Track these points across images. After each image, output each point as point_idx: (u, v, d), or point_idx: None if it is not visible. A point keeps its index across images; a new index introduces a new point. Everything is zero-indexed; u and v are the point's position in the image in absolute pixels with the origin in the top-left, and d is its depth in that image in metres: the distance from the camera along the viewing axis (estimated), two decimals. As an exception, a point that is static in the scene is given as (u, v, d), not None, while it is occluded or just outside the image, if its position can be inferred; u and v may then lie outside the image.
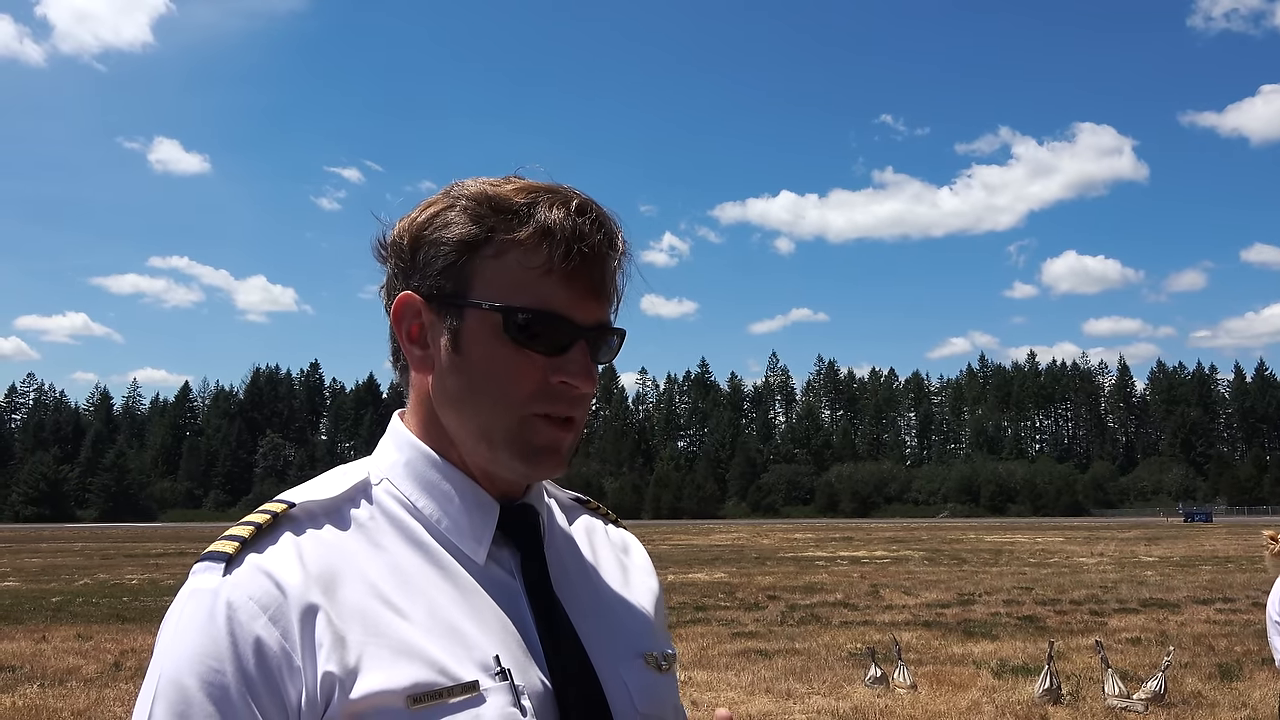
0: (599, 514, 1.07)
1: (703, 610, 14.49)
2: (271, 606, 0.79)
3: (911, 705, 7.96)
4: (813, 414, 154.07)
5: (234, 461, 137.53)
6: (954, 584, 18.79)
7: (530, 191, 0.87)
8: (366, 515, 0.88)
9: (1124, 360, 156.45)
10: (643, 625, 0.97)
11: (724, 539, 43.81)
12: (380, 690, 0.78)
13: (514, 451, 0.87)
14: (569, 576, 0.93)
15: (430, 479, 0.90)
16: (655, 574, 1.06)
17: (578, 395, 0.88)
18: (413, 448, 0.91)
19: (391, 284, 0.92)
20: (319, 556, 0.83)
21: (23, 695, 8.52)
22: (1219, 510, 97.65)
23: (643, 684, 0.91)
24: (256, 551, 0.82)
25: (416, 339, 0.90)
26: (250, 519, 0.85)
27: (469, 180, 0.90)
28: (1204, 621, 12.88)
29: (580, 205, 0.87)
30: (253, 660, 0.78)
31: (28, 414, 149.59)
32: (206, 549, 0.84)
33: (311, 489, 0.88)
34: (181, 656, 0.79)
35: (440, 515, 0.89)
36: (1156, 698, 7.67)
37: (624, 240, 0.90)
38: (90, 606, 15.71)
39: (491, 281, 0.86)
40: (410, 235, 0.90)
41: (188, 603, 0.81)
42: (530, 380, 0.86)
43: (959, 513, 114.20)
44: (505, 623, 0.86)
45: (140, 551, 34.74)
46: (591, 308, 0.88)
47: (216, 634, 0.78)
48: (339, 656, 0.79)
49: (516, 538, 0.91)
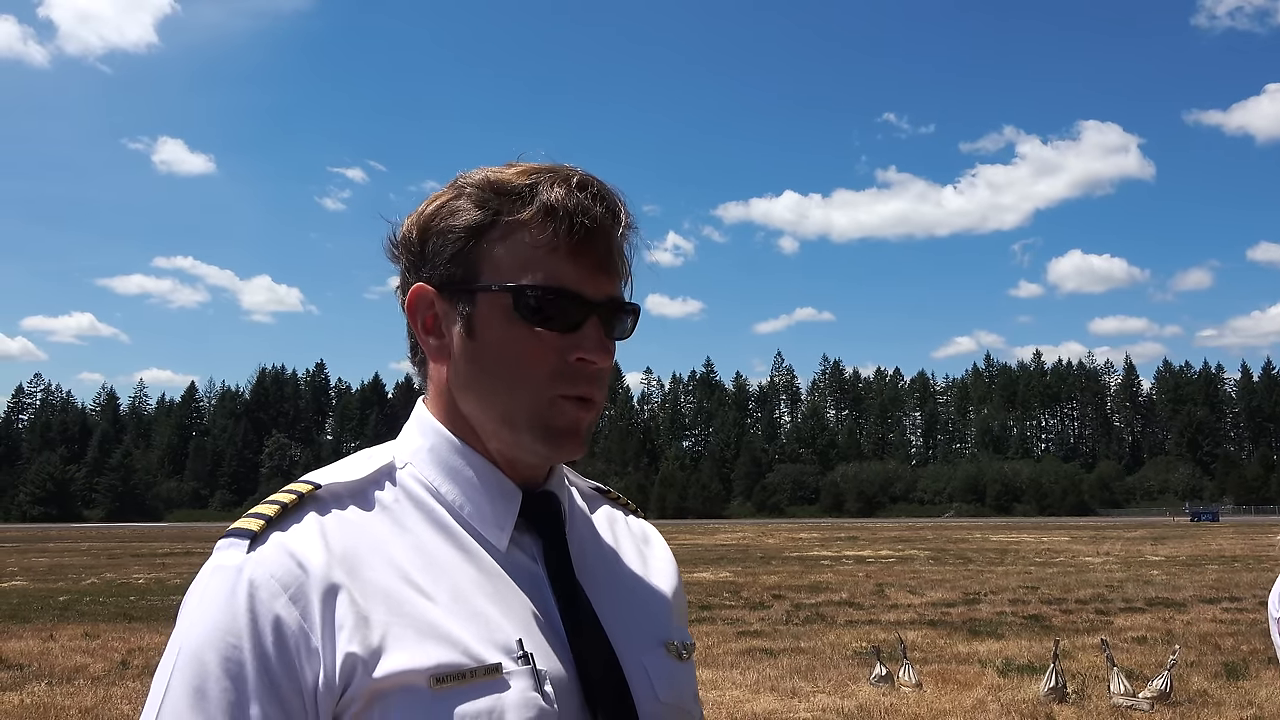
0: (619, 504, 1.07)
1: (708, 609, 14.48)
2: (293, 586, 0.80)
3: (916, 704, 7.95)
4: (818, 413, 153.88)
5: (240, 461, 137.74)
6: (959, 583, 18.76)
7: (532, 173, 0.89)
8: (391, 498, 0.89)
9: (1130, 359, 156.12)
10: (664, 613, 0.98)
11: (729, 538, 43.77)
12: (404, 669, 0.79)
13: (536, 434, 0.88)
14: (590, 563, 0.94)
15: (454, 464, 0.90)
16: (675, 564, 1.06)
17: (595, 371, 0.88)
18: (437, 434, 0.92)
19: (405, 280, 0.93)
20: (343, 537, 0.84)
21: (30, 693, 8.55)
22: (1225, 510, 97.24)
23: (664, 672, 0.92)
24: (281, 530, 0.83)
25: (432, 329, 0.91)
26: (276, 498, 0.86)
27: (473, 170, 0.92)
28: (1210, 621, 12.85)
29: (581, 181, 0.88)
30: (271, 639, 0.79)
31: (35, 414, 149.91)
32: (232, 525, 0.85)
33: (337, 471, 0.90)
34: (202, 631, 0.80)
35: (463, 501, 0.90)
36: (1162, 696, 7.66)
37: (628, 214, 0.91)
38: (97, 606, 15.75)
39: (500, 264, 0.87)
40: (419, 228, 0.91)
41: (211, 578, 0.82)
42: (546, 360, 0.87)
43: (964, 512, 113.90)
44: (528, 607, 0.87)
45: (147, 551, 34.82)
46: (601, 282, 0.88)
47: (236, 611, 0.79)
48: (362, 636, 0.80)
49: (538, 524, 0.91)
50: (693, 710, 0.95)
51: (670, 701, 0.91)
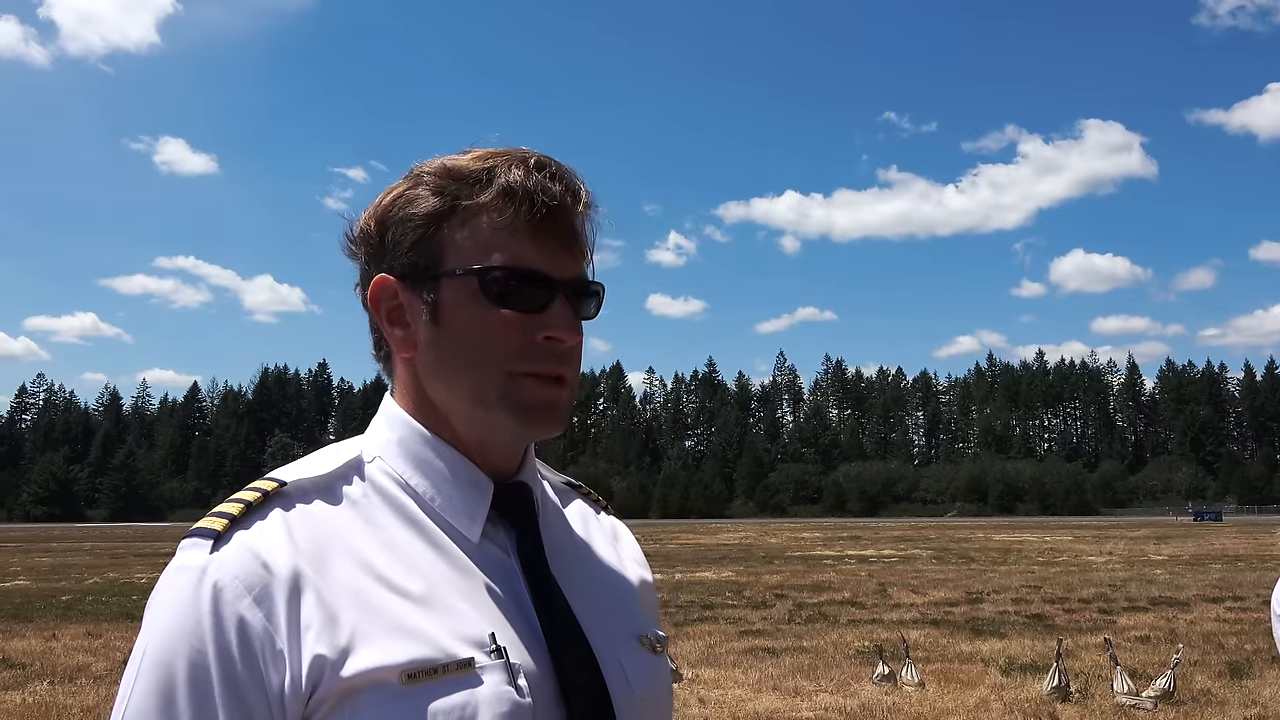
0: (590, 499, 1.06)
1: (710, 609, 14.47)
2: (257, 587, 0.79)
3: (919, 703, 7.94)
4: (820, 413, 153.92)
5: (243, 461, 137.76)
6: (962, 582, 18.74)
7: (489, 157, 0.89)
8: (359, 492, 0.87)
9: (1133, 359, 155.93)
10: (636, 607, 0.97)
11: (731, 538, 43.74)
12: (375, 667, 0.78)
13: (509, 412, 0.87)
14: (563, 556, 0.93)
15: (423, 456, 0.89)
16: (645, 563, 1.06)
17: (564, 350, 0.88)
18: (405, 425, 0.90)
19: (365, 274, 0.92)
20: (310, 534, 0.82)
21: (33, 692, 8.56)
22: (1229, 509, 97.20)
23: (639, 665, 0.91)
24: (245, 529, 0.82)
25: (396, 320, 0.90)
26: (240, 496, 0.85)
27: (428, 160, 0.91)
28: (1214, 620, 12.82)
29: (539, 162, 0.88)
30: (235, 641, 0.77)
31: (38, 414, 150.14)
32: (195, 525, 0.84)
33: (303, 466, 0.88)
34: (165, 634, 0.79)
35: (434, 492, 0.88)
36: (1166, 695, 7.65)
37: (588, 192, 0.91)
38: (100, 605, 15.75)
39: (462, 249, 0.87)
40: (377, 220, 0.90)
41: (174, 578, 0.81)
42: (515, 340, 0.86)
43: (967, 512, 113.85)
44: (501, 601, 0.86)
45: (150, 551, 34.82)
46: (565, 261, 0.88)
47: (200, 613, 0.78)
48: (330, 636, 0.78)
49: (511, 515, 0.90)
50: (666, 703, 0.95)
51: (645, 694, 0.90)
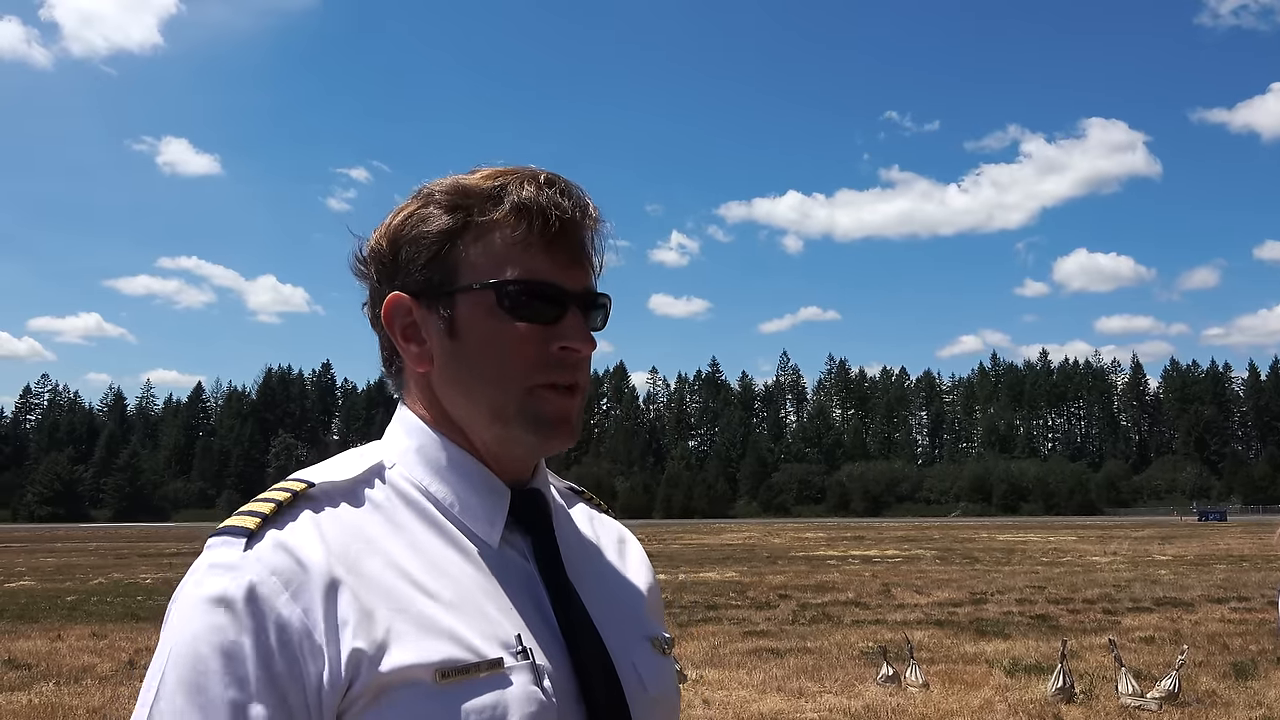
0: (593, 504, 1.09)
1: (714, 609, 14.47)
2: (294, 583, 0.80)
3: (924, 704, 7.94)
4: (824, 413, 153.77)
5: (246, 462, 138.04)
6: (966, 583, 18.72)
7: (498, 175, 0.92)
8: (383, 496, 0.89)
9: (1137, 358, 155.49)
10: (645, 609, 1.01)
11: (735, 538, 43.73)
12: (410, 664, 0.80)
13: (527, 425, 0.90)
14: (576, 561, 0.95)
15: (442, 464, 0.92)
16: (650, 566, 1.09)
17: (578, 360, 0.91)
18: (423, 433, 0.93)
19: (375, 292, 0.94)
20: (340, 534, 0.84)
21: (38, 693, 8.58)
22: (1233, 509, 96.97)
23: (651, 666, 0.95)
24: (277, 528, 0.83)
25: (411, 336, 0.92)
26: (269, 495, 0.86)
27: (437, 179, 0.94)
28: (1218, 620, 12.80)
29: (548, 179, 0.92)
30: (274, 636, 0.78)
31: (42, 415, 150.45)
32: (224, 523, 0.85)
33: (328, 469, 0.90)
34: (199, 629, 0.79)
35: (453, 499, 0.91)
36: (1170, 696, 7.63)
37: (596, 208, 0.94)
38: (105, 605, 15.79)
39: (477, 264, 0.90)
40: (389, 239, 0.93)
41: (205, 575, 0.81)
42: (531, 352, 0.89)
43: (971, 512, 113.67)
44: (523, 604, 0.88)
45: (154, 551, 34.89)
46: (577, 274, 0.92)
47: (236, 610, 0.79)
48: (367, 631, 0.80)
49: (526, 521, 0.93)
50: (675, 703, 0.98)
51: (657, 695, 0.93)
